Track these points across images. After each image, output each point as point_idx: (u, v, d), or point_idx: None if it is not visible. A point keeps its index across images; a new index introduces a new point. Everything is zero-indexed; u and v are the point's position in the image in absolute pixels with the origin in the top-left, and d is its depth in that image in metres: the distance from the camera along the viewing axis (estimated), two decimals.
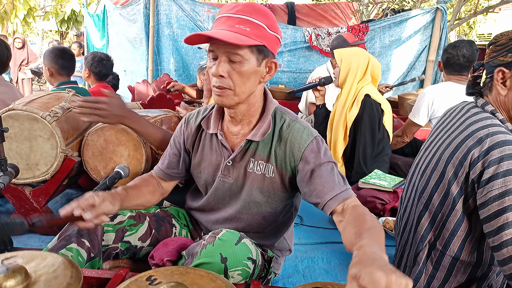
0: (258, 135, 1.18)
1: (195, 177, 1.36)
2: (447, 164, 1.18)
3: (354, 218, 0.99)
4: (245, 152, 1.22)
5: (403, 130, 2.86)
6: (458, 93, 2.59)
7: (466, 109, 1.26)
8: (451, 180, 1.16)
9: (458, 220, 1.16)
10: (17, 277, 0.81)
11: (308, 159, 1.15)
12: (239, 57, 1.07)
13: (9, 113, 1.63)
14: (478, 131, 1.12)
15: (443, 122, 1.36)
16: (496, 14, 7.85)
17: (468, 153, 1.11)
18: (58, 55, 2.59)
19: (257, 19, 1.07)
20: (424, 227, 1.26)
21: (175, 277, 0.91)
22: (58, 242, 1.15)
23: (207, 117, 1.29)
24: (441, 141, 1.27)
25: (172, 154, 1.36)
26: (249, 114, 1.20)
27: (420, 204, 1.29)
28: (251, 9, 1.08)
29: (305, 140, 1.16)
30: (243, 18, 1.06)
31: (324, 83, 2.65)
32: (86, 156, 1.77)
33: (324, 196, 1.10)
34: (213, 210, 1.34)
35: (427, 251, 1.25)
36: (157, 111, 2.16)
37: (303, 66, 4.88)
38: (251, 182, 1.23)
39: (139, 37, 5.22)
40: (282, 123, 1.21)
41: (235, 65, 1.08)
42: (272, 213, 1.27)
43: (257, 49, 1.09)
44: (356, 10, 6.26)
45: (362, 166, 2.56)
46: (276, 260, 1.38)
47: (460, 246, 1.18)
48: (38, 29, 14.74)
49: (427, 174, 1.28)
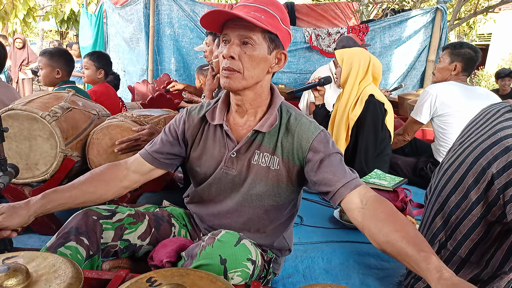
0: (265, 126, 1.19)
1: (193, 170, 1.34)
2: (470, 168, 1.16)
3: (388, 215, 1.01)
4: (251, 144, 1.23)
5: (405, 128, 2.86)
6: (460, 93, 2.61)
7: (501, 113, 1.22)
8: (471, 186, 1.14)
9: (473, 225, 1.15)
10: (18, 276, 0.81)
11: (317, 149, 1.16)
12: (251, 40, 1.10)
13: (9, 113, 1.63)
14: (506, 138, 1.09)
15: (476, 122, 1.32)
16: (496, 14, 7.86)
17: (493, 161, 1.08)
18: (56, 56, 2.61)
19: (272, 10, 1.12)
20: (437, 226, 1.26)
21: (175, 279, 0.91)
22: (57, 240, 1.15)
23: (212, 109, 1.29)
24: (469, 143, 1.24)
25: (165, 141, 1.33)
26: (256, 104, 1.22)
27: (437, 203, 1.29)
28: (267, 1, 1.12)
29: (313, 131, 1.19)
30: (259, 7, 1.10)
31: (323, 83, 2.66)
32: (91, 154, 1.78)
33: (335, 184, 1.11)
34: (214, 203, 1.33)
35: (437, 250, 1.25)
36: (160, 111, 2.16)
37: (303, 67, 4.88)
38: (254, 175, 1.23)
39: (135, 37, 5.22)
40: (289, 116, 1.24)
41: (246, 48, 1.11)
42: (274, 207, 1.28)
43: (269, 37, 1.13)
44: (356, 10, 6.26)
45: (363, 165, 2.56)
46: (276, 260, 1.38)
47: (472, 249, 1.18)
48: (38, 29, 14.75)
49: (448, 174, 1.27)
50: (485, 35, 12.60)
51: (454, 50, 2.69)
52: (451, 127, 2.60)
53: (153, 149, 1.33)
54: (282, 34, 1.14)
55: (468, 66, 2.67)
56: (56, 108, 1.72)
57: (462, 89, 2.63)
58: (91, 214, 1.22)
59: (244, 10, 1.10)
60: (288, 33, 1.18)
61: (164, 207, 1.47)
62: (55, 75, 2.60)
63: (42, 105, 1.72)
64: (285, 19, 1.16)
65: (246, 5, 1.11)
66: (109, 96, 3.09)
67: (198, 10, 4.96)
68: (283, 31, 1.14)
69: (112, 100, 3.10)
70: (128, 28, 5.28)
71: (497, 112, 1.24)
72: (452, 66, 2.70)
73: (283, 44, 1.17)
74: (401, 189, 2.27)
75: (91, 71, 3.03)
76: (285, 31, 1.16)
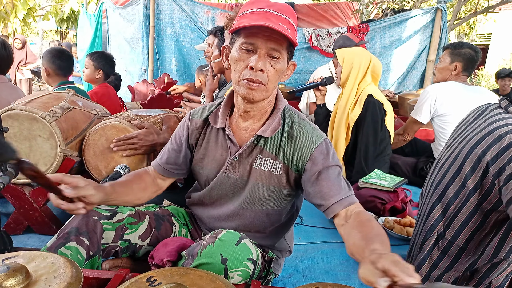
0: (268, 131, 1.19)
1: (196, 173, 1.35)
2: (466, 159, 1.21)
3: (359, 223, 1.01)
4: (253, 148, 1.22)
5: (405, 128, 2.86)
6: (460, 92, 2.61)
7: (489, 110, 1.29)
8: (468, 175, 1.19)
9: (470, 213, 1.19)
10: (18, 276, 0.81)
11: (316, 160, 1.15)
12: (278, 54, 1.09)
13: (9, 113, 1.63)
14: (498, 128, 1.14)
15: (466, 121, 1.39)
16: (496, 14, 7.86)
17: (487, 149, 1.13)
18: (55, 55, 2.63)
19: (293, 21, 1.10)
20: (435, 217, 1.29)
21: (175, 278, 0.91)
22: (57, 240, 1.15)
23: (214, 112, 1.28)
24: (462, 138, 1.30)
25: (171, 150, 1.35)
26: (264, 110, 1.22)
27: (435, 195, 1.32)
28: (288, 9, 1.11)
29: (315, 140, 1.18)
30: (285, 18, 1.08)
31: (326, 83, 2.65)
32: (87, 155, 1.77)
33: (329, 199, 1.11)
34: (215, 206, 1.33)
35: (435, 240, 1.29)
36: (157, 111, 2.15)
37: (303, 67, 4.88)
38: (256, 179, 1.22)
39: (136, 37, 5.22)
40: (292, 121, 1.23)
41: (273, 62, 1.10)
42: (276, 211, 1.27)
43: (291, 50, 1.14)
44: (356, 10, 6.26)
45: (363, 165, 2.56)
46: (276, 261, 1.38)
47: (469, 237, 1.21)
48: (38, 29, 14.75)
49: (445, 167, 1.31)
50: (485, 35, 12.60)
51: (454, 50, 2.69)
52: (451, 126, 2.60)
53: (163, 160, 1.35)
54: (295, 44, 1.12)
55: (468, 66, 2.67)
56: (56, 108, 1.72)
57: (462, 89, 2.63)
58: (91, 215, 1.22)
59: (272, 21, 1.05)
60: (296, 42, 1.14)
61: (164, 206, 1.47)
62: (45, 74, 2.65)
63: (42, 105, 1.72)
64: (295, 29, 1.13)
65: (273, 13, 1.06)
66: (110, 97, 3.10)
67: (198, 11, 4.95)
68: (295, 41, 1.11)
69: (112, 101, 3.10)
70: (130, 28, 5.28)
71: (485, 109, 1.31)
72: (452, 66, 2.70)
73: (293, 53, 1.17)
74: (401, 189, 2.27)
75: (90, 71, 3.06)
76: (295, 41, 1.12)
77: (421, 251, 1.33)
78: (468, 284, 1.25)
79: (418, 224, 1.43)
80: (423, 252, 1.31)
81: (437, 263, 1.28)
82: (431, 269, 1.30)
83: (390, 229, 1.96)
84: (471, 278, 1.25)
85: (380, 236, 0.91)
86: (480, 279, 1.24)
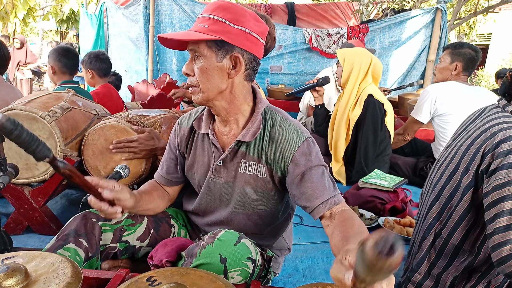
0: (248, 135, 1.17)
1: (190, 179, 1.35)
2: (462, 157, 1.22)
3: (341, 222, 1.00)
4: (236, 153, 1.21)
5: (405, 128, 2.86)
6: (461, 92, 2.61)
7: (487, 110, 1.30)
8: (463, 173, 1.20)
9: (465, 211, 1.20)
10: (17, 276, 0.81)
11: (298, 162, 1.13)
12: (198, 53, 1.09)
13: (8, 112, 1.63)
14: (492, 126, 1.16)
15: (466, 122, 1.40)
16: (496, 14, 7.86)
17: (481, 146, 1.15)
18: (62, 53, 2.61)
19: (217, 15, 1.06)
20: (433, 216, 1.30)
21: (175, 278, 0.91)
22: (56, 242, 1.15)
23: (199, 117, 1.28)
24: (460, 138, 1.32)
25: (169, 159, 1.36)
26: (233, 111, 1.18)
27: (433, 194, 1.33)
28: (214, 7, 1.08)
29: (296, 142, 1.15)
30: (205, 17, 1.08)
31: (322, 83, 2.66)
32: (86, 155, 1.76)
33: (314, 200, 1.10)
34: (207, 213, 1.34)
35: (432, 239, 1.30)
36: (157, 111, 2.15)
37: (303, 68, 4.87)
38: (243, 183, 1.21)
39: (141, 37, 5.22)
40: (273, 123, 1.19)
41: (196, 62, 1.10)
42: (268, 213, 1.27)
43: (216, 45, 1.07)
44: (356, 10, 6.26)
45: (363, 165, 2.57)
46: (276, 259, 1.38)
47: (464, 236, 1.22)
48: (38, 29, 14.75)
49: (443, 167, 1.33)
50: (485, 35, 12.60)
51: (454, 50, 2.69)
52: (451, 126, 2.60)
53: (163, 171, 1.37)
54: (232, 36, 1.06)
55: (468, 66, 2.68)
56: (55, 108, 1.72)
57: (463, 89, 2.63)
58: (90, 216, 1.22)
59: (195, 24, 1.09)
60: (242, 32, 1.07)
61: None
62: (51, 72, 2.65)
63: (42, 105, 1.72)
64: (237, 19, 1.06)
65: (198, 17, 1.11)
66: (111, 97, 3.08)
67: (198, 11, 4.94)
68: (233, 32, 1.06)
69: (114, 101, 3.09)
70: (134, 28, 5.26)
71: (484, 109, 1.32)
72: (452, 66, 2.70)
73: (239, 45, 1.07)
74: (401, 189, 2.27)
75: (84, 74, 3.09)
76: (236, 31, 1.06)
77: (419, 250, 1.34)
78: (467, 283, 1.25)
79: (417, 224, 1.44)
80: (422, 251, 1.32)
81: (435, 262, 1.29)
82: (430, 268, 1.30)
83: (390, 229, 1.95)
84: (469, 278, 1.25)
85: (360, 234, 0.89)
86: (478, 279, 1.24)
